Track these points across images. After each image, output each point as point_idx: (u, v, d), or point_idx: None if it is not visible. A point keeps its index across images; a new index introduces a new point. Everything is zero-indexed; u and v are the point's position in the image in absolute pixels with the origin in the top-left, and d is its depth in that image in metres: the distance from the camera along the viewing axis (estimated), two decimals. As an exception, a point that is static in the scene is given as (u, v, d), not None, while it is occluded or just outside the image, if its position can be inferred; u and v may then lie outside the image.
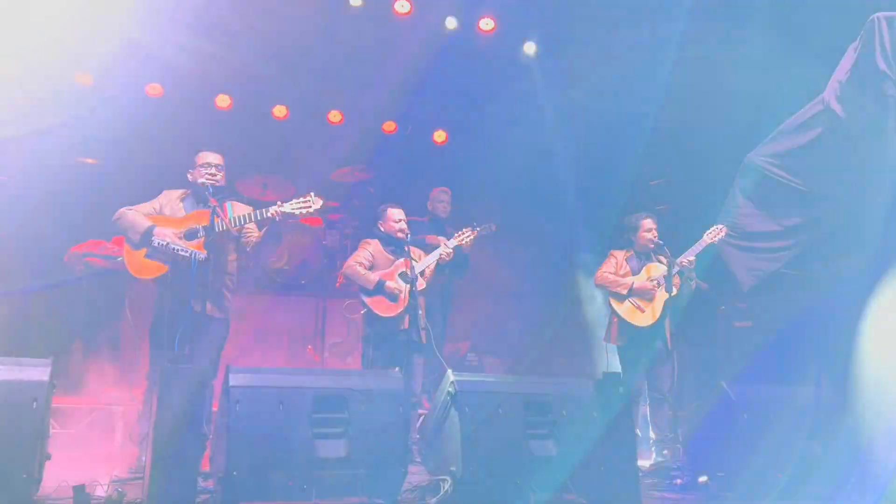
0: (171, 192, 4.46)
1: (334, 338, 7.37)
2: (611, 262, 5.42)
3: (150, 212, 4.25)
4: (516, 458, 3.42)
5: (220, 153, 4.45)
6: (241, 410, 2.99)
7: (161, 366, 2.93)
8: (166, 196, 4.40)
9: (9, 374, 2.87)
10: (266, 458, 2.96)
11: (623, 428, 3.71)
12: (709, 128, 6.36)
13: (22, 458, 2.72)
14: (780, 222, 5.62)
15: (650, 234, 5.35)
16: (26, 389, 2.85)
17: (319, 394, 3.18)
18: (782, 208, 5.66)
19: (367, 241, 5.35)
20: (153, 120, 7.25)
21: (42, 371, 2.95)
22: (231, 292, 4.33)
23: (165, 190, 4.50)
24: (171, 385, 2.85)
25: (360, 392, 3.22)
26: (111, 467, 3.98)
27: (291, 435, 3.03)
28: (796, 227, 5.53)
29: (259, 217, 4.14)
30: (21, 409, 2.79)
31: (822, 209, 5.44)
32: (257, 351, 7.07)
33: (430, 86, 7.53)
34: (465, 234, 5.30)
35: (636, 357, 5.26)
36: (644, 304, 5.21)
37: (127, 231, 4.14)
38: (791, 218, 5.58)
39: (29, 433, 2.77)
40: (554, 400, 3.61)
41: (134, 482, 3.69)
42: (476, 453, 3.32)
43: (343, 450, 3.09)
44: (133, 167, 7.41)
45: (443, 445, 3.55)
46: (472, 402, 3.43)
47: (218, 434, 3.18)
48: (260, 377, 3.18)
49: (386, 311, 4.94)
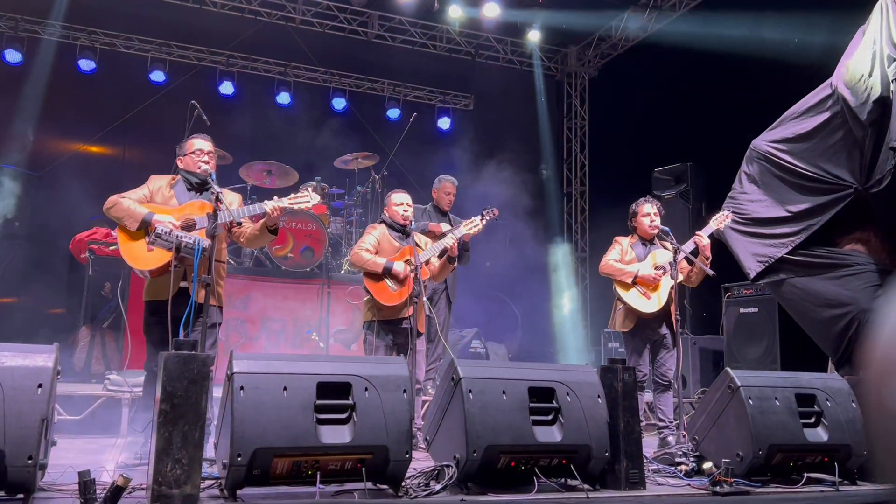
0: (159, 178, 4.38)
1: (338, 325, 7.38)
2: (615, 249, 5.40)
3: (140, 198, 4.19)
4: (520, 444, 3.42)
5: (210, 139, 4.41)
6: (245, 396, 2.99)
7: (163, 353, 2.92)
8: (154, 182, 4.33)
9: (14, 360, 2.88)
10: (270, 444, 2.96)
11: (627, 414, 3.70)
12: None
13: (27, 444, 2.73)
14: (786, 208, 5.58)
15: (648, 218, 5.33)
16: (32, 375, 2.85)
17: (324, 380, 3.18)
18: (789, 194, 5.62)
19: (372, 226, 5.35)
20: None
21: (47, 357, 2.96)
22: (222, 279, 4.35)
23: (152, 176, 4.43)
24: (173, 372, 2.85)
25: (364, 378, 3.22)
26: (116, 454, 4.00)
27: (296, 421, 3.03)
28: (803, 212, 5.49)
29: (258, 210, 4.13)
30: (26, 395, 2.80)
31: (830, 194, 5.39)
32: (261, 338, 7.09)
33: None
34: (474, 223, 5.28)
35: (641, 344, 5.26)
36: (650, 291, 5.20)
37: (123, 219, 4.06)
38: (798, 203, 5.54)
39: (34, 418, 2.77)
40: (558, 386, 3.60)
41: (139, 468, 3.71)
42: (480, 440, 3.32)
43: (347, 436, 3.10)
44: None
45: (447, 432, 3.56)
46: (476, 389, 3.43)
47: (222, 421, 3.18)
48: (264, 363, 3.18)
49: (389, 300, 4.93)
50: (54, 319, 8.35)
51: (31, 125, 8.61)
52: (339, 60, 10.69)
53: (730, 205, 5.88)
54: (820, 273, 5.47)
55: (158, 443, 2.79)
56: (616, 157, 10.40)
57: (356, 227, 8.06)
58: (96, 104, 9.34)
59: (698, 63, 8.44)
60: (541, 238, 10.12)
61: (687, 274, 5.29)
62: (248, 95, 10.19)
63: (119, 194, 4.18)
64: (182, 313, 3.74)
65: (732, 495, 3.50)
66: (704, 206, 8.24)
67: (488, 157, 9.48)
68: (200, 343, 3.61)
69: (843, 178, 5.34)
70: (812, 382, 4.16)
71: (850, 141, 5.28)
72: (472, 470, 3.33)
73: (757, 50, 7.64)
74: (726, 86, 8.25)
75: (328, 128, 10.27)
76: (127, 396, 5.34)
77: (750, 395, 3.88)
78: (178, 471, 2.76)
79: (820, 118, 5.47)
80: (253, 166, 7.96)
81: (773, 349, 6.78)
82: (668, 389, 5.24)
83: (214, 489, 3.16)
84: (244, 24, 10.08)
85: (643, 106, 9.32)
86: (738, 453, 3.84)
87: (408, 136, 8.03)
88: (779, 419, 3.89)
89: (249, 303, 7.03)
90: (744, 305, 7.16)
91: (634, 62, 10.55)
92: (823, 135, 5.44)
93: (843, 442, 3.96)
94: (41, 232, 8.13)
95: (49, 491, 3.06)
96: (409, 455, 3.19)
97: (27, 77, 9.01)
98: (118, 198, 4.16)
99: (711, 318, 8.08)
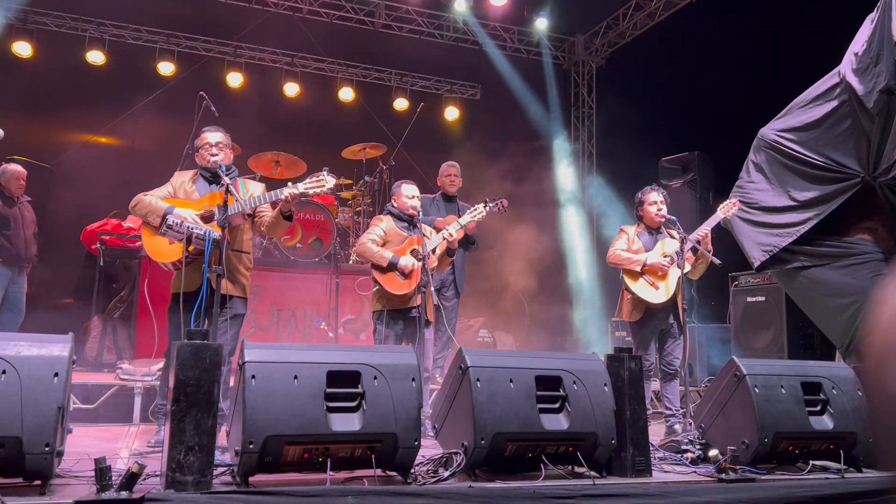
0: (183, 173, 4.49)
1: (347, 314, 7.43)
2: (622, 239, 5.42)
3: (165, 195, 4.30)
4: (528, 431, 3.46)
5: (221, 131, 4.45)
6: (256, 385, 3.03)
7: (175, 342, 2.97)
8: (178, 178, 4.43)
9: (31, 349, 2.93)
10: (281, 432, 3.01)
11: (633, 402, 3.74)
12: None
13: (44, 431, 2.78)
14: (793, 197, 5.57)
15: (655, 207, 5.34)
16: (48, 364, 2.90)
17: (333, 369, 3.22)
18: (796, 183, 5.61)
19: (379, 217, 5.38)
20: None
21: (63, 346, 3.01)
22: (248, 270, 4.38)
23: (176, 172, 4.53)
24: (185, 361, 2.90)
25: (373, 367, 3.26)
26: (131, 441, 4.07)
27: (306, 409, 3.08)
28: (810, 201, 5.48)
29: (273, 198, 4.16)
30: (43, 383, 2.85)
31: (837, 183, 5.38)
32: (271, 327, 7.16)
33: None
34: (477, 210, 5.30)
35: (649, 334, 5.28)
36: (658, 281, 5.21)
37: (147, 216, 4.18)
38: (805, 192, 5.52)
39: (51, 406, 2.83)
40: (565, 375, 3.64)
41: (153, 455, 3.77)
42: (488, 427, 3.36)
43: (357, 423, 3.14)
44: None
45: (455, 420, 3.60)
46: (483, 377, 3.46)
47: (234, 409, 3.23)
48: (275, 352, 3.22)
49: (398, 289, 4.97)
50: (65, 310, 8.43)
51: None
52: (347, 51, 10.70)
53: (737, 194, 5.87)
54: (827, 262, 5.47)
55: (172, 430, 2.84)
56: (623, 146, 10.39)
57: (364, 218, 8.10)
58: (105, 95, 9.39)
59: (705, 52, 8.42)
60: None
61: (693, 264, 5.30)
62: (256, 86, 10.22)
63: (143, 192, 4.27)
64: (205, 304, 3.81)
65: (738, 482, 3.53)
66: (711, 195, 8.23)
67: (495, 146, 9.49)
68: (212, 332, 3.66)
69: (850, 166, 5.33)
70: (818, 371, 4.18)
71: (858, 129, 5.26)
72: (480, 457, 3.38)
73: (764, 38, 7.61)
74: (733, 75, 8.22)
75: (335, 118, 10.31)
76: (139, 385, 5.41)
77: (756, 384, 3.91)
78: (191, 458, 2.82)
79: (828, 107, 5.45)
80: (261, 157, 8.01)
81: (779, 338, 6.80)
82: (674, 378, 5.27)
83: (227, 476, 3.21)
84: (251, 14, 10.10)
85: (650, 95, 9.30)
86: (743, 441, 3.87)
87: (415, 126, 8.04)
88: (784, 407, 3.91)
89: (259, 293, 7.09)
90: (751, 294, 7.18)
91: (642, 51, 10.52)
92: (831, 123, 5.41)
93: (849, 430, 3.98)
94: (52, 223, 8.20)
95: (66, 477, 3.12)
96: (418, 443, 3.23)
97: (36, 69, 9.09)
98: (142, 196, 4.26)
99: (718, 307, 8.10)
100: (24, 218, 6.64)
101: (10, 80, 9.03)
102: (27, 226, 6.66)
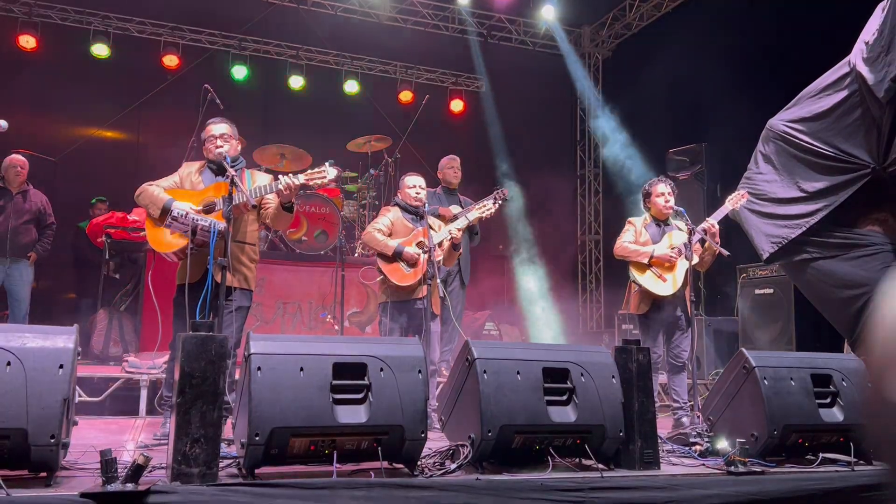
0: (191, 164, 4.48)
1: (353, 307, 7.42)
2: (629, 231, 5.38)
3: (170, 185, 4.27)
4: (535, 424, 3.44)
5: (226, 122, 4.43)
6: (262, 377, 3.02)
7: (180, 334, 2.95)
8: (185, 169, 4.42)
9: (35, 341, 2.92)
10: (288, 424, 2.99)
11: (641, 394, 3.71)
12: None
13: (49, 423, 2.78)
14: (802, 188, 5.52)
15: (662, 198, 5.30)
16: (53, 356, 2.89)
17: (339, 360, 3.20)
18: (805, 174, 5.55)
19: (386, 207, 5.37)
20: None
21: (68, 338, 2.99)
22: (252, 262, 4.35)
23: (185, 162, 4.52)
24: (191, 353, 2.88)
25: (380, 359, 3.24)
26: (137, 434, 4.06)
27: (312, 401, 3.06)
28: (819, 192, 5.42)
29: (274, 189, 4.14)
30: (48, 375, 2.84)
31: (847, 174, 5.33)
32: (276, 320, 7.15)
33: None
34: (486, 206, 5.28)
35: (657, 326, 5.24)
36: (665, 273, 5.18)
37: (149, 206, 4.17)
38: (814, 183, 5.47)
39: (56, 398, 2.81)
40: (573, 367, 3.61)
41: (159, 447, 3.77)
42: (495, 420, 3.34)
43: (363, 415, 3.12)
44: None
45: (462, 412, 3.58)
46: (490, 369, 3.44)
47: (240, 401, 3.22)
48: (280, 344, 3.20)
49: (402, 280, 4.95)
50: (71, 303, 8.45)
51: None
52: (351, 43, 10.66)
53: (745, 185, 5.82)
54: (836, 254, 5.42)
55: (177, 422, 2.83)
56: (630, 138, 10.34)
57: (369, 211, 8.08)
58: (110, 89, 9.38)
59: (713, 43, 8.35)
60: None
61: (700, 256, 5.26)
62: (261, 79, 10.20)
63: (149, 182, 4.25)
64: (210, 296, 3.79)
65: (747, 475, 3.50)
66: (719, 186, 8.18)
67: (501, 139, 9.45)
68: (217, 324, 3.64)
69: (860, 157, 5.27)
70: (828, 363, 4.14)
71: (868, 119, 5.20)
72: (487, 449, 3.36)
73: (771, 29, 7.55)
74: (740, 65, 8.16)
75: (340, 111, 10.28)
76: (145, 378, 5.41)
77: (765, 376, 3.88)
78: (196, 450, 2.80)
79: (837, 96, 5.39)
80: (266, 150, 7.99)
81: (788, 330, 6.76)
82: (682, 371, 5.23)
83: (233, 468, 3.20)
84: (256, 7, 10.07)
85: (657, 86, 9.23)
86: (752, 433, 3.84)
87: (420, 118, 8.01)
88: (794, 399, 3.88)
89: (264, 286, 7.08)
90: (759, 287, 7.13)
91: (649, 42, 10.45)
92: (840, 113, 5.35)
93: (859, 422, 3.94)
94: (57, 216, 8.21)
95: (71, 469, 3.11)
96: (425, 435, 3.21)
97: (41, 62, 9.08)
98: (147, 185, 4.25)
99: (726, 299, 8.06)
100: (16, 207, 6.54)
101: (14, 73, 9.02)
102: (20, 215, 6.56)
